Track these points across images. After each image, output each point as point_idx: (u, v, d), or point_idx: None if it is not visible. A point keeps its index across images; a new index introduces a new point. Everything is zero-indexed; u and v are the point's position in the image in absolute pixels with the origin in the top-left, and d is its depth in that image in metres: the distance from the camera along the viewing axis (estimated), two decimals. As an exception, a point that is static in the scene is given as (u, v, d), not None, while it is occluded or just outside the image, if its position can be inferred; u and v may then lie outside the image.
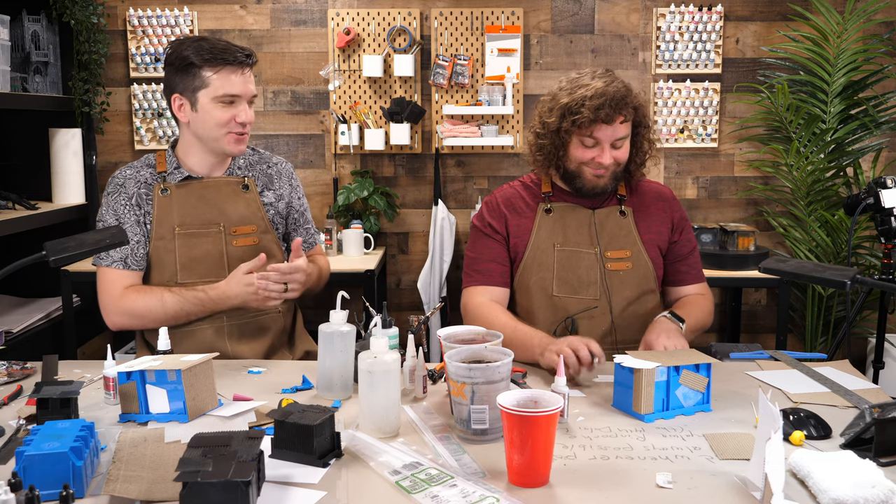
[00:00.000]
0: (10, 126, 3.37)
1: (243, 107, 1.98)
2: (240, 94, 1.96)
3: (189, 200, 2.02)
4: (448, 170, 3.73)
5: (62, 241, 1.58)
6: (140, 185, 2.02)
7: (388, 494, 1.24)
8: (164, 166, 2.04)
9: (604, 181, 1.96)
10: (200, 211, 2.02)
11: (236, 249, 2.03)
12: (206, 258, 2.01)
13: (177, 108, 1.99)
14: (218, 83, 1.94)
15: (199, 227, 2.02)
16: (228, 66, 1.94)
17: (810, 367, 1.84)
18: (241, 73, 1.96)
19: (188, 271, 2.00)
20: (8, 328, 2.89)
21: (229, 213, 2.04)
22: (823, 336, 3.55)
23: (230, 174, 2.08)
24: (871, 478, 1.19)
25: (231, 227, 2.03)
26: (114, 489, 1.22)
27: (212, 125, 1.97)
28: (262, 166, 2.14)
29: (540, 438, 1.25)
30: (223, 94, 1.94)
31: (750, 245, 3.26)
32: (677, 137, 3.67)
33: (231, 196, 2.06)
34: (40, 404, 1.45)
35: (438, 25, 3.61)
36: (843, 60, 3.42)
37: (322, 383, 1.67)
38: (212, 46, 1.94)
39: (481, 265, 2.03)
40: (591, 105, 1.86)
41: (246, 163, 2.12)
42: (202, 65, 1.93)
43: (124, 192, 2.02)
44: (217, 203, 2.04)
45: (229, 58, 1.94)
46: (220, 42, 1.97)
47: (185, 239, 2.00)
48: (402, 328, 1.86)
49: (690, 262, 2.07)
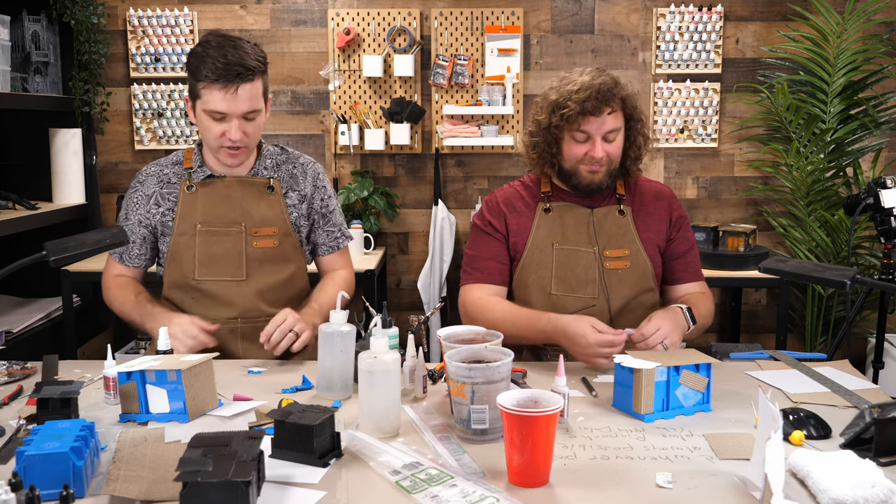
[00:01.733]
0: (10, 126, 3.37)
1: (234, 124, 1.91)
2: (226, 112, 1.90)
3: (213, 199, 2.02)
4: (448, 170, 3.73)
5: (62, 241, 1.58)
6: (162, 183, 2.04)
7: (388, 494, 1.24)
8: (191, 163, 2.04)
9: (599, 177, 1.97)
10: (223, 209, 2.02)
11: (256, 250, 2.03)
12: (224, 256, 2.01)
13: (189, 108, 1.99)
14: (207, 97, 1.89)
15: (221, 226, 2.01)
16: (215, 83, 1.87)
17: (810, 367, 1.84)
18: (230, 90, 1.87)
19: (206, 269, 2.01)
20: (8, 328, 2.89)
21: (252, 213, 2.03)
22: (823, 336, 3.55)
23: (255, 174, 2.06)
24: (871, 478, 1.19)
25: (252, 227, 2.02)
26: (114, 489, 1.22)
27: (205, 135, 1.97)
28: (288, 166, 2.10)
29: (540, 438, 1.25)
30: (210, 109, 1.90)
31: (740, 245, 3.26)
32: (677, 137, 3.67)
33: (255, 196, 2.05)
34: (40, 404, 1.45)
35: (438, 25, 3.61)
36: (843, 60, 3.42)
37: (322, 383, 1.68)
38: (213, 59, 1.86)
39: (480, 263, 2.04)
40: (578, 98, 1.89)
41: (273, 163, 2.09)
42: (196, 76, 1.89)
43: (142, 189, 2.05)
44: (240, 203, 2.03)
45: (214, 76, 1.86)
46: (229, 51, 1.87)
47: (206, 236, 2.01)
48: (402, 328, 1.86)
49: (687, 260, 2.07)
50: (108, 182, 3.73)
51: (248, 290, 2.02)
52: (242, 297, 2.02)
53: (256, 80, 1.91)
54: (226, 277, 2.01)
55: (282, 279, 2.06)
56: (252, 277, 2.03)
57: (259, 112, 1.95)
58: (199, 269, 2.01)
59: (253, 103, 1.92)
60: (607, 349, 1.74)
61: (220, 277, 2.01)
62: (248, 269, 2.02)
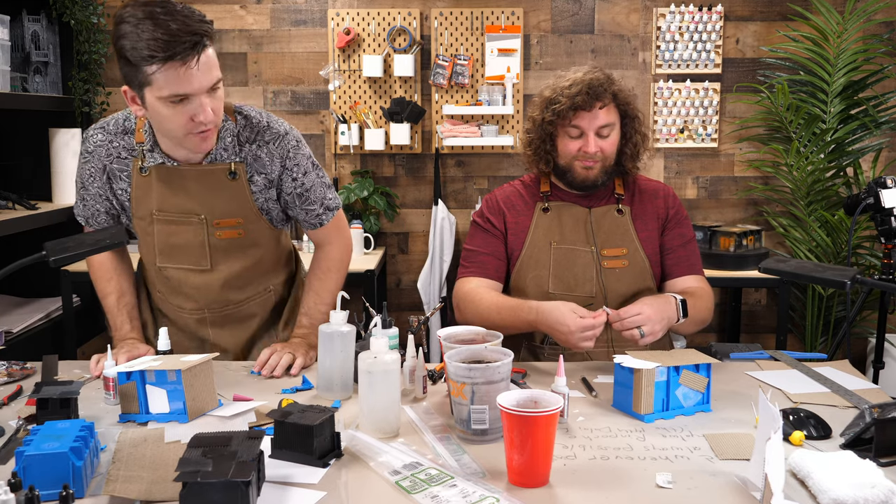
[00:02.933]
0: (10, 126, 3.37)
1: (199, 102, 1.62)
2: (190, 93, 1.61)
3: (168, 188, 1.80)
4: (448, 170, 3.73)
5: (62, 241, 1.58)
6: (112, 157, 1.81)
7: (388, 494, 1.24)
8: (142, 137, 1.78)
9: (594, 173, 1.97)
10: (180, 200, 1.81)
11: (219, 241, 1.85)
12: (186, 247, 1.85)
13: (129, 101, 1.68)
14: (161, 81, 1.58)
15: (179, 215, 1.82)
16: (169, 61, 1.56)
17: (810, 367, 1.84)
18: (187, 65, 1.57)
19: (167, 257, 1.87)
20: (8, 328, 2.89)
21: (212, 204, 1.82)
22: (823, 336, 3.55)
23: (214, 160, 1.80)
24: (871, 478, 1.19)
25: (213, 219, 1.83)
26: (114, 489, 1.22)
27: (166, 126, 1.68)
28: (252, 147, 1.82)
29: (540, 438, 1.25)
30: (169, 94, 1.60)
31: (730, 245, 3.26)
32: (677, 137, 3.67)
33: (215, 186, 1.81)
34: (40, 404, 1.45)
35: (438, 25, 3.61)
36: (843, 60, 3.42)
37: (322, 383, 1.67)
38: (152, 35, 1.54)
39: (478, 258, 2.05)
40: (569, 93, 1.92)
41: (234, 142, 1.81)
42: (139, 62, 1.58)
43: (92, 161, 1.84)
44: (198, 194, 1.81)
45: (165, 53, 1.55)
46: (170, 23, 1.55)
47: (164, 225, 1.83)
48: (402, 328, 1.85)
49: (681, 254, 2.04)
50: (108, 182, 3.73)
51: (214, 280, 1.89)
52: (207, 288, 1.90)
53: (209, 46, 1.61)
54: (189, 266, 1.87)
55: (251, 263, 1.91)
56: (217, 267, 1.88)
57: (221, 81, 1.67)
58: (159, 257, 1.87)
59: (215, 73, 1.64)
60: (589, 332, 1.76)
61: (182, 265, 1.87)
62: (213, 258, 1.86)
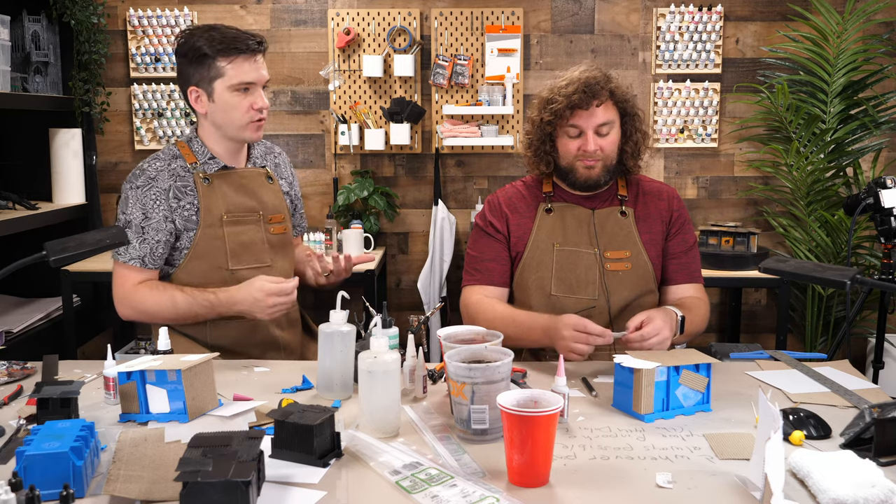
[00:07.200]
0: (10, 126, 3.37)
1: (258, 93, 1.99)
2: (254, 82, 1.98)
3: (232, 189, 2.05)
4: (448, 170, 3.73)
5: (62, 241, 1.58)
6: (175, 177, 2.01)
7: (388, 494, 1.24)
8: (194, 157, 2.04)
9: (596, 172, 1.97)
10: (242, 199, 2.06)
11: (273, 237, 2.10)
12: (252, 245, 2.06)
13: (194, 100, 2.00)
14: (232, 72, 1.95)
15: (244, 214, 2.06)
16: (241, 54, 1.95)
17: (810, 367, 1.84)
18: (253, 60, 1.97)
19: (237, 258, 2.04)
20: (8, 328, 2.89)
21: (265, 201, 2.10)
22: (823, 336, 3.55)
23: (252, 165, 2.13)
24: (871, 478, 1.19)
25: (268, 214, 2.10)
26: (114, 489, 1.22)
27: (231, 114, 1.99)
28: (270, 156, 2.20)
29: (540, 438, 1.25)
30: (238, 82, 1.96)
31: (730, 245, 3.25)
32: (677, 137, 3.67)
33: (262, 186, 2.11)
34: (40, 404, 1.45)
35: (438, 25, 3.61)
36: (843, 60, 3.42)
37: (322, 383, 1.68)
38: (223, 36, 1.95)
39: (481, 264, 2.04)
40: (566, 92, 1.92)
41: (260, 153, 2.16)
42: (215, 55, 1.94)
43: (156, 185, 1.99)
44: (254, 192, 2.08)
45: (241, 46, 1.95)
46: (231, 30, 1.98)
47: (233, 226, 2.04)
48: (402, 328, 1.85)
49: (683, 261, 2.04)
50: (108, 182, 3.73)
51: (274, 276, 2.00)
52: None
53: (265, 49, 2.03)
54: (255, 264, 2.06)
55: (290, 260, 2.18)
56: (274, 263, 2.10)
57: (268, 83, 2.05)
58: (231, 260, 2.03)
59: (266, 73, 2.03)
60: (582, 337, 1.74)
61: (250, 265, 2.05)
62: (271, 254, 2.09)
